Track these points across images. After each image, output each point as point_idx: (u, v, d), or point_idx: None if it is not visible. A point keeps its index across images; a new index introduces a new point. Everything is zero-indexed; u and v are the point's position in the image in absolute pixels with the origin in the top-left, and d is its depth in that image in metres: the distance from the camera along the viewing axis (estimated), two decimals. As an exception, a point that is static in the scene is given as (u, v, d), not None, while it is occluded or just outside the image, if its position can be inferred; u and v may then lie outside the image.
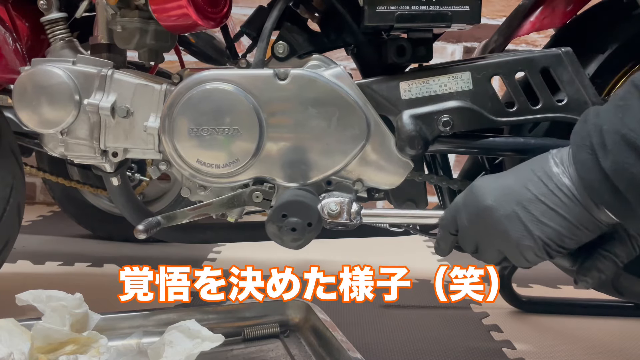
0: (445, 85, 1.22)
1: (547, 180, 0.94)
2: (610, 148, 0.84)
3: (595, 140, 0.86)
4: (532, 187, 0.95)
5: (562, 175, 0.92)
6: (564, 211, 0.92)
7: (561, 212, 0.92)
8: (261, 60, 1.27)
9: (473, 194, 1.02)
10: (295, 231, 1.15)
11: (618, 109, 0.85)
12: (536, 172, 0.95)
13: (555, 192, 0.93)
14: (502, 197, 0.97)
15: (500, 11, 3.00)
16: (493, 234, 0.98)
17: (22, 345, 1.10)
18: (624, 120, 0.83)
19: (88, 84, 1.27)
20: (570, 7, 1.35)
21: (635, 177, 0.81)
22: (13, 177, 1.36)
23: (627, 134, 0.81)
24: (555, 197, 0.92)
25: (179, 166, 1.26)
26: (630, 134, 0.81)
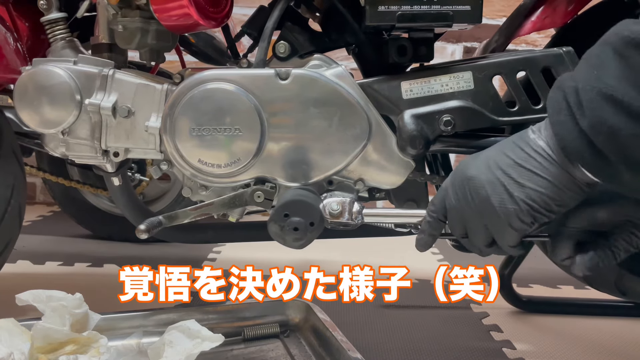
0: (446, 85, 1.22)
1: (524, 145, 0.96)
2: (586, 105, 0.84)
3: (572, 100, 0.87)
4: (510, 153, 0.97)
5: (538, 139, 0.95)
6: (542, 172, 0.94)
7: (540, 173, 0.94)
8: (262, 60, 1.27)
9: (458, 170, 1.05)
10: (297, 231, 1.15)
11: (592, 67, 0.86)
12: (514, 141, 0.98)
13: (532, 154, 0.95)
14: (483, 166, 1.00)
15: (500, 11, 3.00)
16: (478, 205, 1.00)
17: (22, 345, 1.10)
18: (599, 77, 0.83)
19: (89, 84, 1.27)
20: (572, 7, 1.35)
21: (612, 130, 0.82)
22: (14, 178, 1.36)
23: (603, 88, 0.82)
24: (533, 160, 0.94)
25: (181, 166, 1.26)
26: (607, 88, 0.82)
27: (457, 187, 1.04)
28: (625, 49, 0.81)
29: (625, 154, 0.83)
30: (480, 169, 1.00)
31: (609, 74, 0.82)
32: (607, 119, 0.82)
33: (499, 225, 0.99)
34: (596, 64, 0.85)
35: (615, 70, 0.82)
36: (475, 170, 1.01)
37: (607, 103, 0.82)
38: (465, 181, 1.01)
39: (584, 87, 0.85)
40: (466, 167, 1.03)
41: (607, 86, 0.82)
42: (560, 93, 0.90)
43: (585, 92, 0.85)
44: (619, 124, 0.81)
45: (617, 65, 0.82)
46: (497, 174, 0.97)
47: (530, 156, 0.95)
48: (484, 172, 0.99)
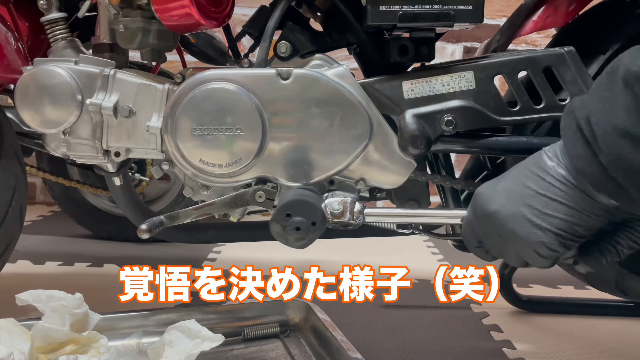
0: (448, 85, 1.22)
1: (543, 174, 0.95)
2: (601, 139, 0.84)
3: (587, 132, 0.87)
4: (530, 183, 0.96)
5: (557, 167, 0.94)
6: (566, 200, 0.93)
7: (564, 201, 0.93)
8: (264, 60, 1.27)
9: (478, 203, 1.04)
10: (299, 230, 1.15)
11: (604, 100, 0.85)
12: (532, 169, 0.97)
13: (553, 183, 0.94)
14: (504, 199, 0.99)
15: (500, 11, 3.00)
16: (505, 237, 1.00)
17: (22, 345, 1.10)
18: (612, 111, 0.83)
19: (90, 84, 1.27)
20: (573, 7, 1.35)
21: (631, 165, 0.82)
22: (15, 180, 1.35)
23: (618, 123, 0.82)
24: (555, 188, 0.94)
25: (182, 166, 1.26)
26: (622, 123, 0.82)
27: (481, 222, 1.04)
28: (636, 84, 0.81)
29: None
30: (501, 203, 0.99)
31: (621, 108, 0.82)
32: (625, 155, 0.82)
33: (529, 254, 0.99)
34: (608, 97, 0.85)
35: (628, 105, 0.82)
36: (496, 204, 1.00)
37: (623, 139, 0.82)
38: (489, 217, 1.01)
39: (598, 121, 0.85)
40: (486, 202, 1.02)
41: (621, 121, 0.82)
42: (573, 122, 0.90)
43: (600, 126, 0.85)
44: (637, 159, 0.81)
45: (630, 100, 0.81)
46: (520, 207, 0.96)
47: (552, 185, 0.94)
48: (505, 206, 0.98)
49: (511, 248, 1.01)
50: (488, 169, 1.51)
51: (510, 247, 1.01)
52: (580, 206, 0.93)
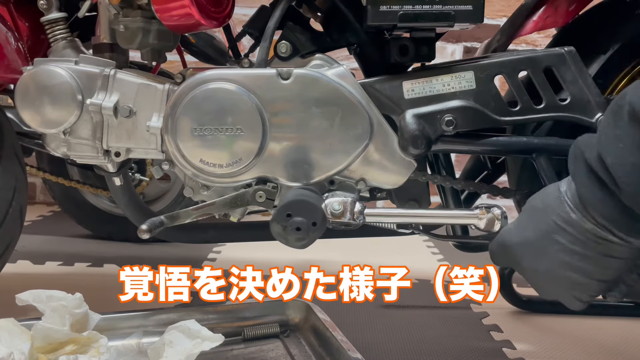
0: (448, 85, 1.23)
1: (570, 228, 0.95)
2: (623, 180, 0.84)
3: (603, 175, 0.87)
4: (559, 238, 0.97)
5: (582, 222, 0.94)
6: (597, 252, 0.94)
7: (595, 255, 0.94)
8: (264, 60, 1.27)
9: (509, 254, 1.06)
10: (299, 231, 1.15)
11: (617, 139, 0.85)
12: (558, 222, 0.97)
13: (582, 239, 0.94)
14: (533, 256, 1.01)
15: (500, 11, 3.00)
16: (548, 292, 1.04)
17: (22, 345, 1.10)
18: (628, 150, 0.84)
19: (91, 84, 1.27)
20: (573, 7, 1.36)
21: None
22: (16, 180, 1.35)
23: (636, 162, 0.82)
24: (589, 243, 0.94)
25: (182, 166, 1.26)
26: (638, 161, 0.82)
27: (515, 268, 1.07)
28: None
29: None
30: (531, 260, 1.01)
31: (635, 147, 0.82)
32: None
33: (568, 301, 1.02)
34: (620, 136, 0.85)
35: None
36: (527, 261, 1.02)
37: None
38: (524, 272, 1.04)
39: (615, 161, 0.85)
40: (517, 255, 1.04)
41: (637, 159, 0.82)
42: (582, 165, 0.91)
43: (618, 166, 0.85)
44: None
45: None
46: (555, 266, 0.98)
47: (581, 241, 0.95)
48: (538, 263, 1.00)
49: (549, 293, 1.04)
50: (488, 168, 1.52)
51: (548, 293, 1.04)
52: (617, 253, 0.94)
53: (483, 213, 1.18)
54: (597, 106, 1.20)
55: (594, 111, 1.20)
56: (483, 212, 1.18)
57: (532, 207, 1.03)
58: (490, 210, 1.17)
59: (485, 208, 1.18)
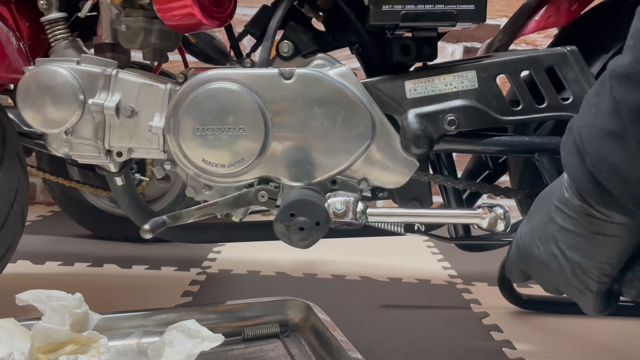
0: (450, 84, 1.23)
1: (564, 207, 0.95)
2: (587, 142, 0.84)
3: (578, 141, 0.86)
4: (556, 217, 0.97)
5: (572, 199, 0.93)
6: (589, 231, 0.93)
7: (584, 232, 0.94)
8: (266, 60, 1.27)
9: (520, 247, 1.06)
10: (303, 230, 1.15)
11: (592, 105, 0.85)
12: (555, 203, 0.97)
13: (574, 216, 0.94)
14: (541, 243, 1.00)
15: (501, 11, 3.00)
16: (555, 280, 1.02)
17: (22, 345, 1.09)
18: (597, 114, 0.83)
19: (92, 84, 1.27)
20: (575, 6, 1.36)
21: (612, 165, 0.81)
22: (18, 182, 1.35)
23: (601, 124, 0.82)
24: (575, 221, 0.94)
25: (184, 166, 1.26)
26: (604, 124, 0.81)
27: (528, 266, 1.07)
28: (613, 82, 0.80)
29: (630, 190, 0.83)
30: (537, 247, 1.01)
31: (605, 110, 0.82)
32: (606, 155, 0.82)
33: (578, 295, 1.01)
34: (595, 102, 0.85)
35: (611, 105, 0.81)
36: (536, 249, 1.02)
37: (605, 140, 0.81)
38: (531, 261, 1.04)
39: (585, 125, 0.85)
40: (525, 245, 1.04)
41: (603, 121, 0.81)
42: (570, 136, 0.90)
43: (585, 130, 0.85)
44: (618, 158, 0.81)
45: (611, 100, 0.81)
46: (554, 247, 0.98)
47: (576, 218, 0.94)
48: (543, 248, 1.00)
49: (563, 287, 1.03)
50: (490, 168, 1.52)
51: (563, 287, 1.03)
52: (602, 231, 0.92)
53: (485, 212, 1.18)
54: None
55: (596, 111, 1.20)
56: (485, 211, 1.18)
57: (539, 197, 1.03)
58: (493, 210, 1.17)
59: (487, 207, 1.18)
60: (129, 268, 2.12)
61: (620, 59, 0.80)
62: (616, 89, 0.79)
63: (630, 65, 0.77)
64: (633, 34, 0.78)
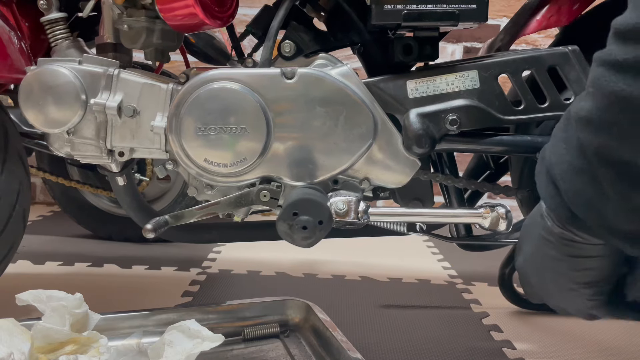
0: (452, 84, 1.23)
1: (549, 237, 0.97)
2: (561, 177, 0.87)
3: (552, 174, 0.89)
4: (545, 248, 0.99)
5: (553, 227, 0.95)
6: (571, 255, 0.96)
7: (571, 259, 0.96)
8: (268, 59, 1.27)
9: (521, 277, 1.10)
10: (306, 229, 1.15)
11: (561, 141, 0.87)
12: (541, 234, 0.99)
13: (557, 244, 0.96)
14: (536, 273, 1.04)
15: (501, 11, 3.00)
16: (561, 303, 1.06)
17: (22, 345, 1.09)
18: (568, 150, 0.85)
19: (94, 84, 1.27)
20: (577, 6, 1.36)
21: (587, 200, 0.84)
22: (20, 183, 1.34)
23: (572, 161, 0.84)
24: (560, 247, 0.96)
25: (186, 165, 1.26)
26: (575, 162, 0.84)
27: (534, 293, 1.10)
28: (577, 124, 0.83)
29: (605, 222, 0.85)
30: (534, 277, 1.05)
31: (573, 147, 0.84)
32: (581, 191, 0.85)
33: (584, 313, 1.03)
34: (563, 138, 0.87)
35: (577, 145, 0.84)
36: (533, 279, 1.06)
37: (578, 176, 0.84)
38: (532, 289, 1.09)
39: (557, 161, 0.87)
40: (524, 276, 1.08)
41: (572, 158, 0.84)
42: (543, 166, 0.93)
43: (559, 166, 0.87)
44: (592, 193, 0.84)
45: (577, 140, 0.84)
46: (549, 276, 1.01)
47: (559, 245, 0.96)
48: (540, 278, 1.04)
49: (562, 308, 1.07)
50: (491, 168, 1.52)
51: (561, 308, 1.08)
52: (584, 254, 0.94)
53: (487, 212, 1.18)
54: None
55: (597, 110, 1.21)
56: (487, 210, 1.18)
57: (525, 225, 1.06)
58: (495, 209, 1.17)
59: (489, 207, 1.18)
60: (129, 268, 2.12)
61: (583, 103, 0.82)
62: (581, 132, 0.82)
63: (592, 110, 0.79)
64: (592, 81, 0.80)
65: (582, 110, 0.81)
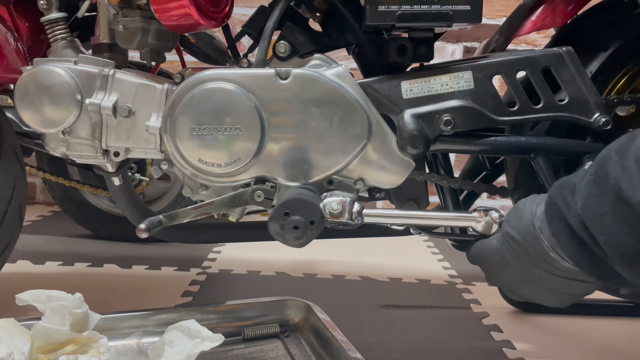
0: (446, 85, 1.23)
1: (549, 266, 1.03)
2: (621, 258, 0.88)
3: (593, 245, 0.91)
4: (540, 271, 1.05)
5: (560, 260, 1.00)
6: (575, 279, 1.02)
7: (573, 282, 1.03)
8: (263, 60, 1.27)
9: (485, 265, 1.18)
10: (297, 229, 1.15)
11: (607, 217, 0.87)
12: (537, 258, 1.03)
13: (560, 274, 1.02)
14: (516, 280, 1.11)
15: (500, 11, 3.00)
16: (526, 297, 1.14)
17: (22, 345, 1.09)
18: (621, 230, 0.86)
19: (90, 84, 1.27)
20: (571, 7, 1.36)
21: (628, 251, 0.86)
22: (15, 179, 1.35)
23: (634, 245, 0.85)
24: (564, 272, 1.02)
25: (181, 165, 1.26)
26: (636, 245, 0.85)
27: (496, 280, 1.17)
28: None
29: None
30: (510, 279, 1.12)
31: (628, 227, 0.85)
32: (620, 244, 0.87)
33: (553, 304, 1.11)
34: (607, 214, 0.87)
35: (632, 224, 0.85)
36: (506, 278, 1.13)
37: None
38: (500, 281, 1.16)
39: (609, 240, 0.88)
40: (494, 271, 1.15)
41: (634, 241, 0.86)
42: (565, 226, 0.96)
43: (614, 246, 0.88)
44: None
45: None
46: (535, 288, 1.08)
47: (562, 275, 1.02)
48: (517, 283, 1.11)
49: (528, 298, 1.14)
50: (487, 169, 1.52)
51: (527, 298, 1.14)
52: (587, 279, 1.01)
53: (481, 216, 1.18)
54: (595, 106, 1.21)
55: (592, 111, 1.21)
56: (481, 214, 1.18)
57: (509, 235, 1.08)
58: (488, 214, 1.18)
59: (483, 211, 1.18)
60: (129, 268, 2.12)
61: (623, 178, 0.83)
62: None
63: None
64: None
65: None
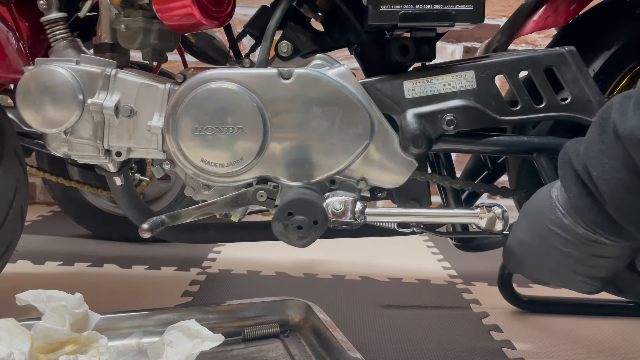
0: (449, 84, 1.23)
1: (564, 234, 1.00)
2: (609, 195, 0.89)
3: (590, 185, 0.92)
4: (556, 244, 1.02)
5: (574, 226, 0.98)
6: (591, 254, 1.00)
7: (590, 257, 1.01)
8: (265, 60, 1.27)
9: (512, 263, 1.16)
10: (301, 229, 1.15)
11: (601, 154, 0.89)
12: (553, 229, 1.02)
13: (577, 243, 1.00)
14: (535, 261, 1.09)
15: (501, 11, 3.00)
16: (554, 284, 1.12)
17: (22, 345, 1.09)
18: (612, 166, 0.87)
19: (92, 84, 1.27)
20: (574, 6, 1.36)
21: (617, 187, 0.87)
22: (17, 180, 1.35)
23: (623, 180, 0.86)
24: (580, 245, 1.00)
25: (183, 165, 1.26)
26: (627, 180, 0.86)
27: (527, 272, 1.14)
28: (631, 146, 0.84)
29: None
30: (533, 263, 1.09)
31: (621, 164, 0.86)
32: (634, 209, 0.87)
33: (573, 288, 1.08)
34: (604, 150, 0.89)
35: (626, 160, 0.85)
36: (530, 264, 1.10)
37: (630, 194, 0.87)
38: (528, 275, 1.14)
39: (601, 176, 0.89)
40: (520, 263, 1.13)
41: (623, 176, 0.86)
42: (571, 171, 0.95)
43: (603, 181, 0.89)
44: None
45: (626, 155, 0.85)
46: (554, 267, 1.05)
47: (578, 244, 0.99)
48: (539, 265, 1.08)
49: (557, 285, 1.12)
50: (489, 169, 1.52)
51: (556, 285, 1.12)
52: (604, 254, 0.99)
53: (484, 212, 1.18)
54: (597, 106, 1.21)
55: (594, 111, 1.20)
56: (484, 211, 1.18)
57: (527, 212, 1.09)
58: (491, 209, 1.17)
59: (486, 207, 1.18)
60: (129, 268, 2.12)
61: (635, 122, 0.82)
62: (637, 154, 0.83)
63: None
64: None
65: (637, 129, 0.82)
